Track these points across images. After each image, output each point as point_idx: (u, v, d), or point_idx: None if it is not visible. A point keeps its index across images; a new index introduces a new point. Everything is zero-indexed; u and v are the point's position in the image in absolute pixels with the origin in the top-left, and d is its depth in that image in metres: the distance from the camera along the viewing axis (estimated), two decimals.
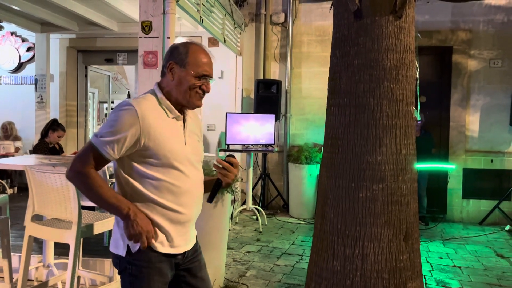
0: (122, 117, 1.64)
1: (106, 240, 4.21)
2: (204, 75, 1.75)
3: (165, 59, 1.80)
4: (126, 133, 1.63)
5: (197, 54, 1.76)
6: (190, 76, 1.73)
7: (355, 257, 2.17)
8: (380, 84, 2.18)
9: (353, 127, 2.22)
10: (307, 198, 6.50)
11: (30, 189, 3.04)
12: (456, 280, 4.08)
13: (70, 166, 1.70)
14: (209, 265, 3.50)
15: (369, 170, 2.17)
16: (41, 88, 7.28)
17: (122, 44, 7.58)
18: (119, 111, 1.66)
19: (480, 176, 6.51)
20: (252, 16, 7.04)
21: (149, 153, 1.67)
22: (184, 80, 1.73)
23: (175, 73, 1.75)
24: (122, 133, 1.63)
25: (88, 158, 1.67)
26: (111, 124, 1.65)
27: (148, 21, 3.81)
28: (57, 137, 5.21)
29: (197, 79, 1.74)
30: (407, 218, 2.22)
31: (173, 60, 1.76)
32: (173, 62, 1.75)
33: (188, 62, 1.73)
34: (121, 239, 1.73)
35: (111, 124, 1.65)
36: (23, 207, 3.43)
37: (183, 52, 1.75)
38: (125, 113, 1.65)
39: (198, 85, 1.74)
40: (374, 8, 2.18)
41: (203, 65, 1.74)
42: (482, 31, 6.42)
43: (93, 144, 1.66)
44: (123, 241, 1.72)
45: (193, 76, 1.73)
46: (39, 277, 3.77)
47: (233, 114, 5.88)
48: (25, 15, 6.55)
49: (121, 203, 1.67)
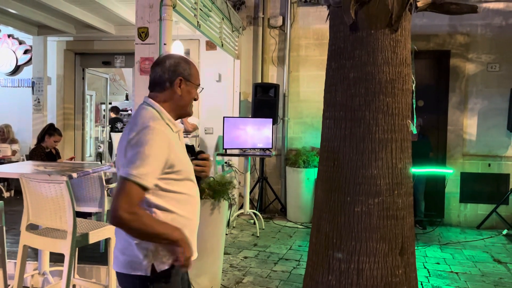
0: (152, 141, 1.61)
1: (102, 247, 4.19)
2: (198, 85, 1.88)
3: (167, 74, 1.79)
4: (163, 153, 1.63)
5: (194, 67, 1.87)
6: (194, 89, 1.84)
7: (351, 272, 2.16)
8: (375, 97, 2.18)
9: (349, 140, 2.21)
10: (305, 202, 6.49)
11: (25, 198, 3.03)
12: (453, 287, 4.08)
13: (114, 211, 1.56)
14: (205, 271, 3.51)
15: (365, 184, 2.17)
16: (38, 91, 7.26)
17: (120, 47, 7.57)
18: (145, 137, 1.62)
19: (477, 180, 6.51)
20: (250, 20, 7.02)
21: (172, 169, 1.69)
22: (190, 93, 1.83)
23: (183, 88, 1.80)
24: (160, 155, 1.62)
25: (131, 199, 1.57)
26: (143, 152, 1.60)
27: (145, 28, 3.79)
28: (54, 142, 5.18)
29: (195, 90, 1.86)
30: (403, 232, 2.22)
31: (181, 76, 1.80)
32: (182, 77, 1.80)
33: (191, 75, 1.82)
34: (144, 260, 1.69)
35: (143, 152, 1.60)
36: (20, 211, 3.42)
37: (187, 67, 1.83)
38: (153, 136, 1.62)
39: (195, 96, 1.86)
40: (370, 21, 2.17)
41: (198, 76, 1.88)
42: (480, 35, 6.42)
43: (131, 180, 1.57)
44: (147, 261, 1.69)
45: (195, 88, 1.86)
46: (34, 284, 3.76)
47: (230, 118, 5.87)
48: (22, 18, 6.52)
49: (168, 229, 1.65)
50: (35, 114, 7.27)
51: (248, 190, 6.08)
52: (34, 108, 7.28)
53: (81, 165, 4.07)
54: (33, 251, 3.81)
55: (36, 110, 7.27)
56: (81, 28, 7.07)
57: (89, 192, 4.33)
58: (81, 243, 2.93)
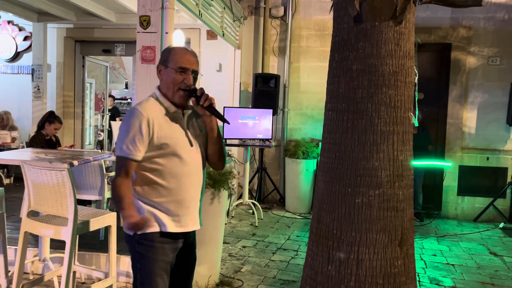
0: (130, 120, 1.89)
1: (102, 234, 4.22)
2: (183, 68, 1.94)
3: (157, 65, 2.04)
4: (140, 129, 1.86)
5: (178, 53, 1.98)
6: (171, 73, 1.95)
7: (350, 262, 2.19)
8: (378, 90, 2.18)
9: (351, 132, 2.21)
10: (304, 193, 6.52)
11: (26, 184, 3.04)
12: (449, 278, 4.12)
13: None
14: (205, 260, 3.53)
15: (366, 176, 2.18)
16: (38, 78, 7.23)
17: (120, 35, 7.52)
18: (126, 119, 1.92)
19: (475, 174, 6.54)
20: (251, 9, 6.98)
21: (156, 143, 1.90)
22: (168, 78, 1.95)
23: (162, 75, 1.99)
24: (136, 131, 1.86)
25: (119, 170, 1.90)
26: (124, 130, 1.90)
27: (147, 16, 3.77)
28: (54, 130, 5.18)
29: (178, 74, 1.94)
30: (403, 224, 2.23)
31: (159, 63, 2.01)
32: (160, 65, 2.01)
33: (169, 61, 1.96)
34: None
35: (124, 130, 1.90)
36: (20, 198, 3.43)
37: (166, 54, 2.00)
38: (131, 116, 1.90)
39: (180, 80, 1.93)
40: (374, 13, 2.16)
41: (182, 61, 1.94)
42: (482, 29, 6.40)
43: (118, 156, 1.90)
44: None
45: (174, 72, 1.94)
46: (34, 271, 3.79)
47: (230, 108, 5.86)
48: (22, 4, 6.47)
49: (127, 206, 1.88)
50: (34, 101, 7.25)
51: (248, 180, 6.11)
52: (33, 95, 7.26)
53: (81, 153, 4.08)
54: (34, 238, 3.83)
55: (35, 97, 7.24)
56: (82, 15, 7.02)
57: (89, 180, 4.35)
58: (82, 230, 2.95)
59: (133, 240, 1.94)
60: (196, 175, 2.02)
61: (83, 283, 3.67)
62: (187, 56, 1.96)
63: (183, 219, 1.98)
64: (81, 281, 3.68)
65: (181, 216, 1.97)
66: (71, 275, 2.99)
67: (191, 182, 1.99)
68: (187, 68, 1.94)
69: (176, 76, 1.93)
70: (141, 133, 1.86)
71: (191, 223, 2.02)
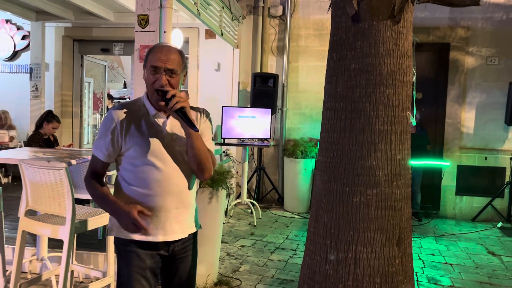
0: (104, 121, 1.90)
1: (100, 234, 4.21)
2: (154, 66, 1.81)
3: None
4: (107, 132, 1.85)
5: (152, 51, 1.85)
6: (147, 73, 1.85)
7: (348, 261, 2.19)
8: (376, 89, 2.18)
9: (349, 132, 2.21)
10: (302, 192, 6.52)
11: (24, 184, 3.03)
12: (447, 278, 4.13)
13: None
14: (203, 260, 3.52)
15: (364, 175, 2.18)
16: (36, 77, 7.22)
17: (119, 34, 7.52)
18: (103, 119, 1.94)
19: (474, 173, 6.55)
20: (250, 9, 6.98)
21: (127, 148, 1.85)
22: (147, 80, 1.86)
23: (144, 75, 1.89)
24: (104, 133, 1.87)
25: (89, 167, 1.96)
26: (99, 129, 1.92)
27: (145, 15, 3.76)
28: (52, 129, 5.17)
29: (151, 74, 1.82)
30: (400, 223, 2.24)
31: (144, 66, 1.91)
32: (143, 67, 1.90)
33: (147, 61, 1.85)
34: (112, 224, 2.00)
35: (99, 129, 1.92)
36: (18, 197, 3.42)
37: (146, 55, 1.88)
38: (106, 117, 1.90)
39: (152, 80, 1.82)
40: (372, 12, 2.16)
41: (153, 59, 1.82)
42: (480, 29, 6.41)
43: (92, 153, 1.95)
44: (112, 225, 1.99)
45: (148, 72, 1.84)
46: (32, 270, 3.78)
47: (229, 108, 5.86)
48: (20, 3, 6.46)
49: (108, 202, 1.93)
50: (33, 101, 7.24)
51: (246, 180, 6.11)
52: (32, 94, 7.25)
53: (79, 152, 4.07)
54: (31, 237, 3.83)
55: (34, 96, 7.23)
56: (80, 15, 7.01)
57: None
58: (80, 229, 2.95)
59: (115, 242, 1.98)
60: (173, 183, 1.87)
61: (81, 282, 3.66)
62: (158, 54, 1.81)
63: (151, 227, 1.85)
64: (79, 280, 3.68)
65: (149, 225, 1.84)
66: (69, 274, 2.98)
67: (165, 190, 1.86)
68: (158, 67, 1.80)
69: (149, 76, 1.83)
70: (109, 135, 1.84)
71: (162, 233, 1.88)
